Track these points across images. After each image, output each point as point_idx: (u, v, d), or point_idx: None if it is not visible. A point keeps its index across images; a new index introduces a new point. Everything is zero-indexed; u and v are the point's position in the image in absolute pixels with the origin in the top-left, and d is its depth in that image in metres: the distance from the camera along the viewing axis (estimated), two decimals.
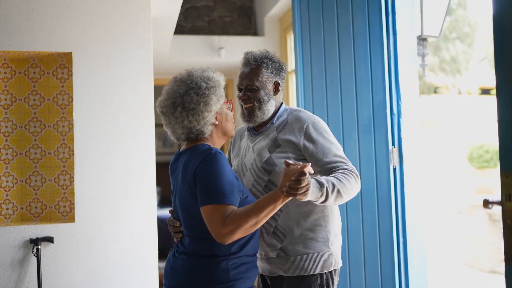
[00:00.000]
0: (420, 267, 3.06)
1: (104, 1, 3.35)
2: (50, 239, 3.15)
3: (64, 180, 3.43)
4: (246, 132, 2.47)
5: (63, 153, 3.44)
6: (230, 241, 1.90)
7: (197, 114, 2.02)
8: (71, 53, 3.30)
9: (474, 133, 10.64)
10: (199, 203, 1.97)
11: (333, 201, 2.11)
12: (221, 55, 5.60)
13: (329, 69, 3.51)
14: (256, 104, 2.32)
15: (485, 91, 14.74)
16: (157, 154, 9.90)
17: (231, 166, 2.49)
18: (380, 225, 3.12)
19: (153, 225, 3.33)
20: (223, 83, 2.16)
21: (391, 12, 3.11)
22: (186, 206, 2.06)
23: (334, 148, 2.26)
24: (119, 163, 3.32)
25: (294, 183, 1.88)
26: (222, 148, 2.84)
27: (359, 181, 2.21)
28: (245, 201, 2.03)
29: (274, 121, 2.36)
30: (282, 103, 2.45)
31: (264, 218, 1.93)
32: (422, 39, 3.79)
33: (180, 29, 5.99)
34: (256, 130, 2.40)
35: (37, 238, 3.13)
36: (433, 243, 8.07)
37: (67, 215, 3.40)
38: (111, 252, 3.26)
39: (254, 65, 2.34)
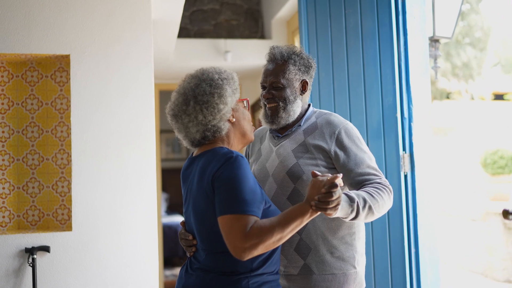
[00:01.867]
0: (433, 279, 2.91)
1: (103, 3, 3.24)
2: (46, 249, 3.04)
3: (62, 187, 3.32)
4: (268, 133, 2.28)
5: (61, 159, 3.33)
6: (249, 257, 1.69)
7: (212, 106, 1.84)
8: (69, 55, 3.19)
9: (487, 139, 10.43)
10: (217, 212, 1.75)
11: (364, 218, 1.94)
12: (227, 59, 5.48)
13: (336, 72, 3.37)
14: (281, 104, 2.14)
15: (499, 97, 14.52)
16: (166, 160, 9.84)
17: None
18: (390, 234, 2.97)
19: (154, 235, 3.20)
20: (237, 79, 1.97)
21: (402, 11, 2.99)
22: (202, 216, 1.84)
23: (367, 158, 2.08)
24: (118, 170, 3.20)
25: (325, 195, 1.67)
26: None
27: (392, 196, 2.03)
28: (268, 211, 1.83)
29: (301, 124, 2.18)
30: (309, 104, 2.27)
31: (289, 234, 1.72)
32: (434, 40, 3.66)
33: (186, 33, 5.89)
34: (280, 133, 2.21)
35: (33, 247, 3.02)
36: (445, 252, 7.88)
37: (65, 223, 3.28)
38: (109, 262, 3.14)
39: (281, 61, 2.16)
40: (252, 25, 6.14)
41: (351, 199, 1.87)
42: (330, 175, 1.71)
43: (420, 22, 3.03)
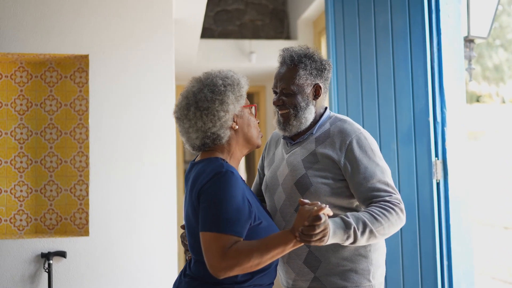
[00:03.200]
0: None
1: (123, 2, 3.15)
2: (62, 254, 2.96)
3: (81, 190, 3.23)
4: (281, 139, 2.17)
5: (80, 161, 3.24)
6: (224, 276, 1.67)
7: (212, 114, 1.77)
8: (88, 55, 3.11)
9: None
10: (200, 227, 1.72)
11: (365, 242, 1.82)
12: (252, 60, 5.36)
13: (365, 74, 3.23)
14: (292, 111, 2.01)
15: None
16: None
17: (263, 175, 2.21)
18: (421, 246, 2.82)
19: (172, 242, 3.10)
20: (244, 84, 1.88)
21: (435, 9, 2.83)
22: (190, 226, 1.82)
23: (379, 171, 1.94)
24: (137, 174, 3.10)
25: (308, 228, 1.60)
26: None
27: (403, 216, 1.89)
28: (258, 228, 1.76)
29: (314, 131, 2.05)
30: (326, 108, 2.13)
31: (268, 260, 1.67)
32: (468, 41, 3.47)
33: (209, 33, 5.80)
34: (293, 139, 2.09)
35: (49, 253, 2.94)
36: (478, 262, 7.62)
37: (83, 228, 3.20)
38: (126, 269, 3.04)
39: (291, 65, 2.03)
40: (277, 25, 6.01)
41: (346, 225, 1.76)
42: (319, 203, 1.63)
43: (455, 21, 2.86)
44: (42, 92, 3.26)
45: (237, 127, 1.84)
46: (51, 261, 2.92)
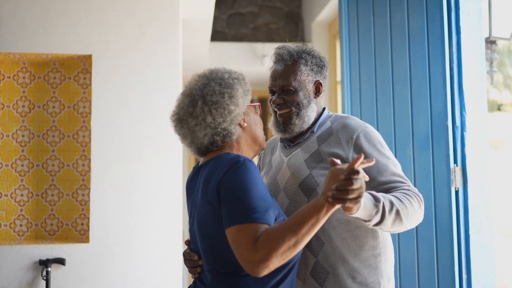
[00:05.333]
0: None
1: (128, 0, 3.04)
2: (61, 261, 2.85)
3: (83, 195, 3.12)
4: (279, 143, 2.03)
5: (83, 165, 3.14)
6: (266, 271, 1.45)
7: (222, 107, 1.64)
8: (91, 55, 3.01)
9: None
10: (225, 225, 1.53)
11: (391, 225, 1.67)
12: (265, 63, 5.24)
13: (380, 74, 3.07)
14: (294, 109, 1.89)
15: None
16: None
17: None
18: (439, 258, 2.66)
19: (177, 252, 2.96)
20: (247, 81, 1.78)
21: (454, 7, 2.68)
22: (207, 232, 1.63)
23: (391, 164, 1.83)
24: (140, 180, 2.98)
25: (344, 183, 1.39)
26: None
27: (423, 206, 1.76)
28: None
29: (314, 130, 1.92)
30: (324, 108, 2.02)
31: (306, 236, 1.46)
32: (490, 42, 3.30)
33: (222, 37, 5.69)
34: (292, 141, 1.96)
35: (47, 260, 2.83)
36: (499, 275, 7.36)
37: (85, 234, 3.09)
38: (127, 278, 2.91)
39: (290, 62, 1.91)
40: (292, 28, 5.88)
41: (376, 199, 1.61)
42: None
43: (476, 20, 2.71)
44: (45, 93, 3.17)
45: (245, 124, 1.73)
46: (49, 269, 2.81)
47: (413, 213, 1.70)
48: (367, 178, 1.45)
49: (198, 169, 1.74)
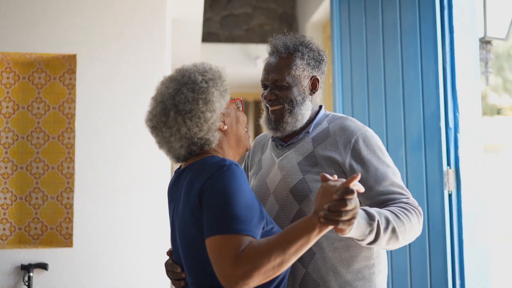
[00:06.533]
0: None
1: None
2: (43, 266, 2.77)
3: (68, 198, 3.05)
4: (270, 142, 1.91)
5: (68, 168, 3.06)
6: None
7: (197, 116, 1.50)
8: (75, 55, 2.93)
9: None
10: (205, 234, 1.41)
11: (385, 244, 1.55)
12: (258, 65, 5.17)
13: (372, 75, 3.01)
14: (287, 106, 1.75)
15: None
16: None
17: None
18: (431, 264, 2.59)
19: (162, 258, 2.87)
20: (225, 77, 1.64)
21: (447, 5, 2.62)
22: (189, 242, 1.51)
23: (391, 173, 1.69)
24: (126, 183, 2.91)
25: (337, 204, 1.28)
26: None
27: (421, 221, 1.64)
28: (270, 234, 1.47)
29: (310, 130, 1.79)
30: (321, 106, 1.88)
31: (293, 256, 1.35)
32: (485, 42, 3.24)
33: (216, 38, 5.63)
34: (285, 140, 1.83)
35: (30, 264, 2.76)
36: (495, 279, 7.29)
37: (70, 238, 3.01)
38: (112, 284, 2.83)
39: (285, 54, 1.77)
40: (286, 30, 5.82)
41: (370, 216, 1.49)
42: (344, 180, 1.33)
43: (469, 18, 2.65)
44: (30, 94, 3.09)
45: (226, 127, 1.59)
46: (31, 274, 2.73)
47: (411, 230, 1.59)
48: (362, 190, 1.34)
49: (180, 173, 1.62)
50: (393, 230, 1.53)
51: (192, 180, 1.50)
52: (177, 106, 1.51)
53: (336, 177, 1.37)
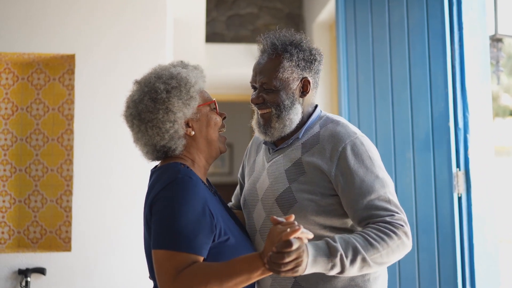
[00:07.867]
0: None
1: None
2: (41, 271, 2.72)
3: (67, 201, 2.99)
4: (263, 144, 1.84)
5: (67, 170, 3.00)
6: None
7: (157, 126, 1.53)
8: (74, 55, 2.88)
9: None
10: (152, 244, 1.46)
11: (357, 272, 1.50)
12: None
13: (378, 74, 2.93)
14: (274, 111, 1.67)
15: None
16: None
17: (243, 185, 1.90)
18: (440, 269, 2.51)
19: None
20: (194, 81, 1.59)
21: (456, 1, 2.56)
22: (145, 245, 1.57)
23: (379, 185, 1.60)
24: (125, 186, 2.85)
25: (275, 256, 1.31)
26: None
27: (407, 241, 1.55)
28: (224, 245, 1.49)
29: (300, 136, 1.71)
30: (316, 106, 1.79)
31: None
32: (496, 40, 3.14)
33: (221, 38, 5.58)
34: (276, 144, 1.76)
35: (27, 269, 2.70)
36: (505, 286, 7.16)
37: (69, 242, 2.95)
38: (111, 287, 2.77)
39: (273, 55, 1.68)
40: (293, 30, 5.74)
41: (332, 251, 1.44)
42: (295, 223, 1.33)
43: (479, 15, 2.57)
44: (29, 95, 3.04)
45: (193, 133, 1.59)
46: (29, 279, 2.68)
47: (388, 254, 1.51)
48: (310, 236, 1.33)
49: (152, 174, 1.64)
50: (363, 260, 1.47)
51: (151, 186, 1.55)
52: (140, 114, 1.55)
53: (292, 217, 1.35)
